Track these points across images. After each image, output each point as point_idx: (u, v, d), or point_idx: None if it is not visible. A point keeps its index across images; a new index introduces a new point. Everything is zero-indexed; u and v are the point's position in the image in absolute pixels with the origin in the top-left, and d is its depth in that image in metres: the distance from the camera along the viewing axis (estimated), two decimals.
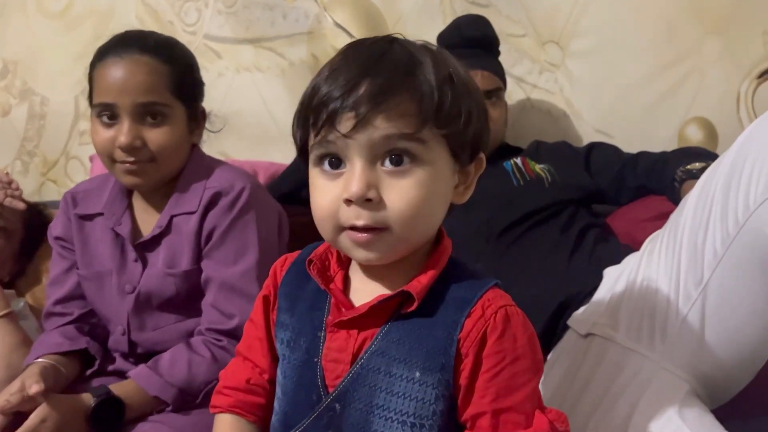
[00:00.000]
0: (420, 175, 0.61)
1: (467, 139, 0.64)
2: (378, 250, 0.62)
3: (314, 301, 0.69)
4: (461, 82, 0.64)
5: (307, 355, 0.67)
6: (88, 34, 1.83)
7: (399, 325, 0.64)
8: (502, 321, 0.62)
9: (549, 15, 1.55)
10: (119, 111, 1.00)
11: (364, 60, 0.62)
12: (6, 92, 1.92)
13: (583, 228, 1.19)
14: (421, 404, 0.62)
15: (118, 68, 1.01)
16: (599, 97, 1.53)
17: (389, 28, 1.65)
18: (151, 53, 1.03)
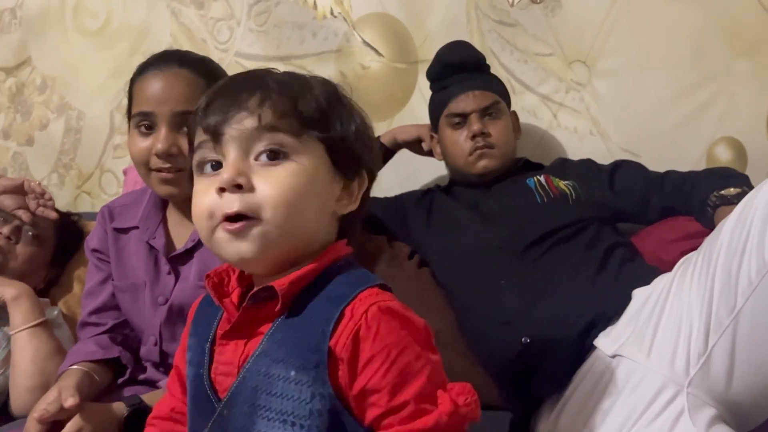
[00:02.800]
0: (292, 167, 0.64)
1: (346, 150, 0.67)
2: (251, 241, 0.63)
3: (210, 318, 0.72)
4: (347, 103, 0.69)
5: (196, 369, 0.70)
6: (123, 51, 1.89)
7: (281, 326, 0.65)
8: (375, 319, 0.62)
9: (576, 34, 1.56)
10: (157, 120, 1.04)
11: (240, 77, 0.69)
12: (44, 107, 1.99)
13: (609, 247, 1.19)
14: (298, 403, 0.61)
15: (158, 80, 1.05)
16: (626, 116, 1.53)
17: (416, 47, 1.68)
18: (190, 67, 1.07)
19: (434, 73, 1.43)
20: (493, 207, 1.31)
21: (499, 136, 1.36)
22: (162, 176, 1.05)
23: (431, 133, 1.47)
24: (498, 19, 1.62)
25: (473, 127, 1.34)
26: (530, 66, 1.60)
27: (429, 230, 1.37)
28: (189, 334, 0.74)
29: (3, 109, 2.03)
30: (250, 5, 1.79)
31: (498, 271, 1.17)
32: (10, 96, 2.02)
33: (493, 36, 1.62)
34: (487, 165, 1.35)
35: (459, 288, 1.25)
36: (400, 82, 1.70)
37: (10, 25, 2.00)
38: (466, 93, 1.36)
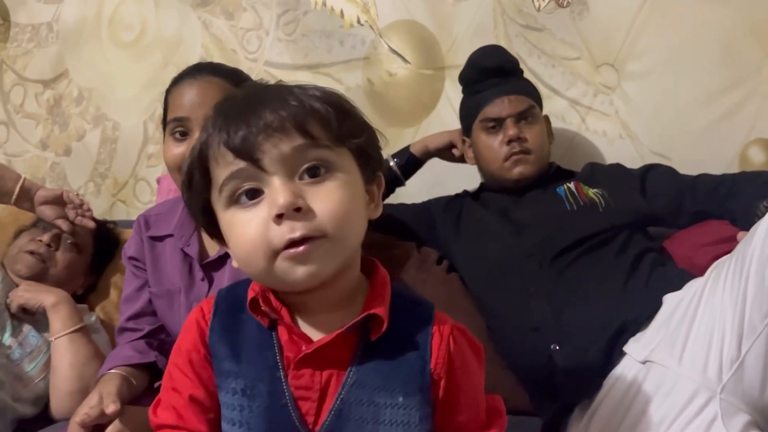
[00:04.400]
0: (337, 180, 0.62)
1: (368, 156, 0.66)
2: (319, 260, 0.61)
3: (260, 343, 0.66)
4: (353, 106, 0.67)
5: (271, 400, 0.64)
6: (157, 62, 1.93)
7: (369, 353, 0.64)
8: (459, 340, 0.66)
9: (604, 38, 1.55)
10: (191, 125, 1.06)
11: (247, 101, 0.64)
12: (81, 118, 2.04)
13: (639, 253, 1.18)
14: (408, 427, 0.62)
15: (192, 87, 1.08)
16: (656, 119, 1.52)
17: (443, 53, 1.69)
18: (222, 76, 1.11)
19: (468, 77, 1.42)
20: (524, 215, 1.30)
21: (535, 141, 1.35)
22: None
23: (463, 137, 1.47)
24: (525, 23, 1.62)
25: (509, 132, 1.33)
26: (558, 70, 1.59)
27: (458, 236, 1.37)
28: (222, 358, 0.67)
29: (41, 121, 2.09)
30: (278, 15, 1.82)
31: (528, 279, 1.17)
32: (48, 108, 2.08)
33: (520, 41, 1.62)
34: (523, 171, 1.34)
35: (488, 294, 1.26)
36: (427, 88, 1.71)
37: (47, 39, 2.07)
38: (501, 98, 1.35)
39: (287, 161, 0.61)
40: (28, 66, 2.09)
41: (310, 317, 0.66)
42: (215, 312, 0.69)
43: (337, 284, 0.65)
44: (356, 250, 0.66)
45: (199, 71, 1.11)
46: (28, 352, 1.30)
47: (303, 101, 0.63)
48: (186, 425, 0.68)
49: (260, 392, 0.64)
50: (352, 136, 0.65)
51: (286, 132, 0.61)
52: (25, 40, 2.10)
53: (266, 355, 0.65)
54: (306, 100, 0.63)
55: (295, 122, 0.62)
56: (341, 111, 0.65)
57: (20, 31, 2.10)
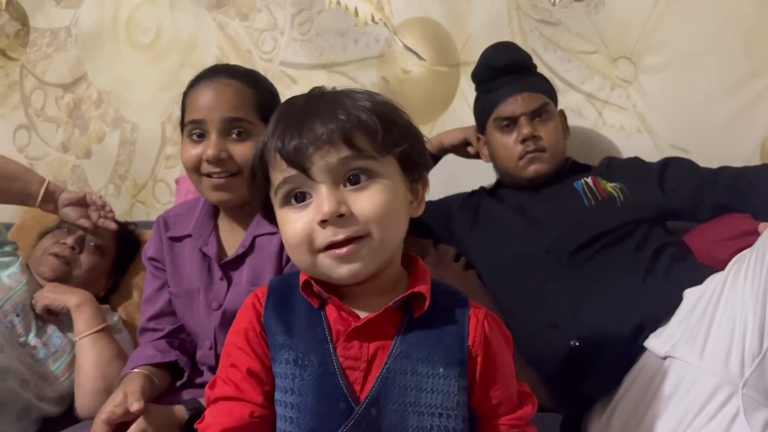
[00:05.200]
0: (379, 185, 0.69)
1: (413, 159, 0.72)
2: (361, 259, 0.68)
3: (310, 320, 0.73)
4: (401, 112, 0.73)
5: (321, 369, 0.71)
6: (173, 64, 1.95)
7: (413, 328, 0.71)
8: (493, 325, 0.74)
9: (620, 31, 1.54)
10: (208, 127, 1.08)
11: (301, 112, 0.71)
12: (101, 121, 2.07)
13: (659, 247, 1.17)
14: (447, 396, 0.69)
15: (209, 90, 1.09)
16: (675, 112, 1.50)
17: (458, 49, 1.68)
18: (238, 77, 1.11)
19: (480, 75, 1.42)
20: (541, 211, 1.30)
21: (549, 139, 1.34)
22: (213, 182, 1.09)
23: (478, 134, 1.46)
24: (540, 18, 1.61)
25: (523, 131, 1.33)
26: (574, 64, 1.58)
27: (475, 233, 1.37)
28: (276, 333, 0.74)
29: (62, 124, 2.12)
30: (292, 15, 1.83)
31: (546, 275, 1.16)
32: (69, 111, 2.11)
33: (535, 35, 1.61)
34: (539, 169, 1.33)
35: (506, 291, 1.25)
36: (443, 85, 1.70)
37: (66, 43, 2.09)
38: (514, 96, 1.34)
39: (333, 171, 0.68)
40: (48, 70, 2.12)
41: (356, 301, 0.73)
42: (269, 295, 0.77)
43: (379, 277, 0.72)
44: (397, 248, 0.73)
45: (216, 73, 1.12)
46: (52, 352, 1.32)
47: (351, 114, 0.69)
48: (244, 396, 0.73)
49: (311, 362, 0.71)
50: (396, 144, 0.70)
51: (334, 144, 0.68)
52: (44, 45, 2.13)
53: (317, 330, 0.72)
54: (354, 113, 0.69)
55: (343, 135, 0.68)
56: (388, 121, 0.70)
57: (39, 36, 2.13)
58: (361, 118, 0.69)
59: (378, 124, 0.69)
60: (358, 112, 0.69)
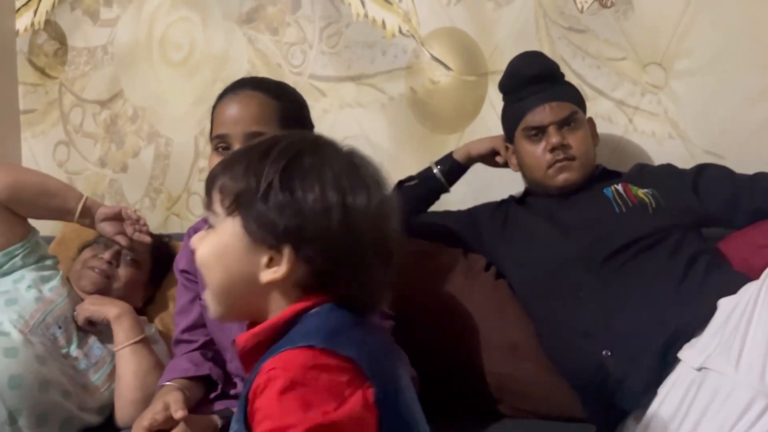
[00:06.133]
0: (209, 237, 0.73)
1: (264, 226, 0.69)
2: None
3: None
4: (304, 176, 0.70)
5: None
6: (205, 79, 1.99)
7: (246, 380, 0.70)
8: (264, 382, 0.64)
9: (650, 36, 1.52)
10: (232, 141, 1.10)
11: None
12: (136, 136, 2.13)
13: (692, 255, 1.15)
14: None
15: (233, 103, 1.12)
16: (708, 117, 1.48)
17: (485, 59, 1.69)
18: (262, 90, 1.13)
19: (508, 85, 1.41)
20: (571, 218, 1.29)
21: (578, 147, 1.33)
22: None
23: (506, 144, 1.46)
24: (568, 25, 1.60)
25: (552, 140, 1.32)
26: (603, 71, 1.57)
27: (504, 242, 1.37)
28: None
29: (99, 140, 2.18)
30: (321, 29, 1.85)
31: (577, 283, 1.16)
32: (105, 127, 2.17)
33: (563, 43, 1.60)
34: (568, 178, 1.32)
35: (537, 300, 1.25)
36: (471, 94, 1.71)
37: (102, 61, 2.16)
38: (542, 105, 1.33)
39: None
40: (86, 88, 2.18)
41: None
42: None
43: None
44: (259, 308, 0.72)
45: (241, 86, 1.14)
46: (93, 363, 1.36)
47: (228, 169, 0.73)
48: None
49: None
50: (235, 209, 0.71)
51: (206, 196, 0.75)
52: (82, 63, 2.19)
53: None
54: (217, 175, 0.74)
55: (205, 190, 0.75)
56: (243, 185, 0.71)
57: (77, 55, 2.20)
58: (221, 174, 0.73)
59: (219, 186, 0.73)
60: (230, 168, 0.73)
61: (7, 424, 1.17)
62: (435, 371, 1.27)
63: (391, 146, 1.79)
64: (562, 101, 1.35)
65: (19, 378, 1.19)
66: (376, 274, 0.71)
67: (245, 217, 0.70)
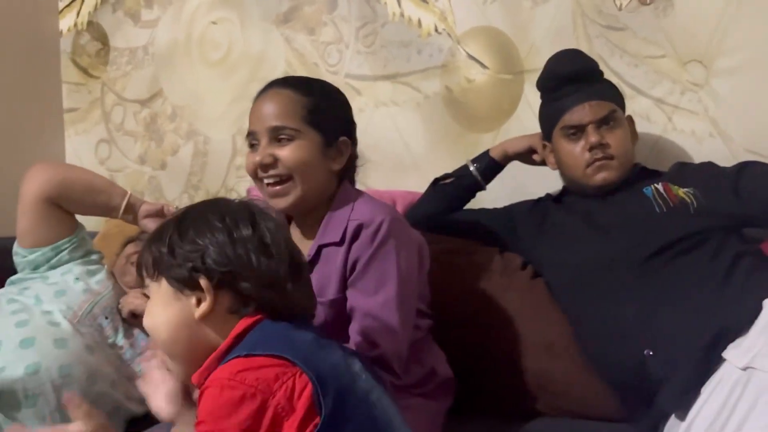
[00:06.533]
0: (148, 305, 0.89)
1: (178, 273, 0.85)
2: None
3: None
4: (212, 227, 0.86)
5: None
6: (243, 78, 2.03)
7: None
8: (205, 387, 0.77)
9: (690, 34, 1.51)
10: (259, 137, 1.15)
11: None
12: (175, 134, 2.17)
13: (735, 256, 1.14)
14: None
15: (261, 102, 1.17)
16: (750, 115, 1.46)
17: (522, 57, 1.69)
18: (289, 86, 1.18)
19: (546, 83, 1.41)
20: (610, 218, 1.28)
21: (618, 146, 1.32)
22: (269, 189, 1.15)
23: (543, 142, 1.46)
24: (606, 24, 1.59)
25: (591, 139, 1.31)
26: (641, 69, 1.56)
27: (542, 241, 1.37)
28: None
29: (139, 138, 2.23)
30: (357, 28, 1.87)
31: (617, 284, 1.15)
32: (145, 125, 2.22)
33: (601, 41, 1.59)
34: (607, 177, 1.31)
35: (576, 300, 1.25)
36: (507, 93, 1.71)
37: (143, 61, 2.21)
38: (581, 104, 1.32)
39: None
40: (127, 87, 2.24)
41: None
42: None
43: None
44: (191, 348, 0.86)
45: (271, 86, 1.19)
46: (138, 353, 1.39)
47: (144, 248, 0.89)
48: None
49: None
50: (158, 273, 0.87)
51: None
52: (123, 63, 2.25)
53: None
54: (144, 249, 0.89)
55: (137, 264, 0.91)
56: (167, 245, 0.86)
57: (119, 55, 2.25)
58: (141, 255, 0.90)
59: (143, 263, 0.89)
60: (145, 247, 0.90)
61: (57, 412, 1.21)
62: (471, 369, 1.28)
63: (426, 145, 1.80)
64: (601, 100, 1.34)
65: (69, 367, 1.23)
66: (290, 285, 0.85)
67: (165, 275, 0.85)
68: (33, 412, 1.20)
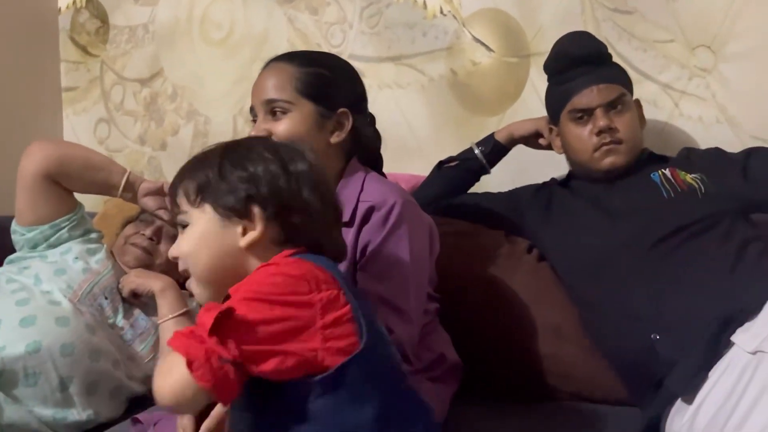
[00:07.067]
0: (188, 231, 0.85)
1: (228, 200, 0.83)
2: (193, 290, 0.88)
3: None
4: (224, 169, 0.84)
5: None
6: (245, 59, 2.00)
7: None
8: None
9: (700, 18, 1.49)
10: (257, 111, 1.16)
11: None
12: (175, 114, 2.15)
13: (744, 241, 1.13)
14: None
15: (261, 77, 1.17)
16: (757, 101, 1.45)
17: (528, 40, 1.67)
18: (285, 60, 1.17)
19: (553, 66, 1.39)
20: (618, 204, 1.27)
21: (626, 131, 1.31)
22: None
23: (550, 125, 1.44)
24: (614, 7, 1.57)
25: (599, 123, 1.30)
26: (649, 54, 1.55)
27: (548, 226, 1.36)
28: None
29: (139, 118, 2.21)
30: (362, 8, 1.84)
31: (625, 269, 1.14)
32: (145, 105, 2.19)
33: (608, 25, 1.58)
34: (615, 161, 1.30)
35: (583, 284, 1.24)
36: (512, 76, 1.69)
37: (143, 39, 2.18)
38: (590, 87, 1.31)
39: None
40: (127, 66, 2.21)
41: None
42: None
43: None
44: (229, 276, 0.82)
45: (272, 61, 1.19)
46: (138, 333, 1.38)
47: (182, 176, 0.86)
48: None
49: None
50: (211, 201, 0.84)
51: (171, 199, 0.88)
52: (123, 42, 2.22)
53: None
54: (183, 175, 0.86)
55: (172, 193, 0.87)
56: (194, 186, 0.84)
57: (118, 33, 2.22)
58: (179, 182, 0.86)
59: (181, 190, 0.85)
60: (184, 174, 0.86)
61: (59, 391, 1.20)
62: (478, 352, 1.28)
63: (430, 127, 1.79)
64: (610, 83, 1.33)
65: (71, 346, 1.22)
66: (332, 224, 0.87)
67: (212, 201, 0.83)
68: (33, 392, 1.19)
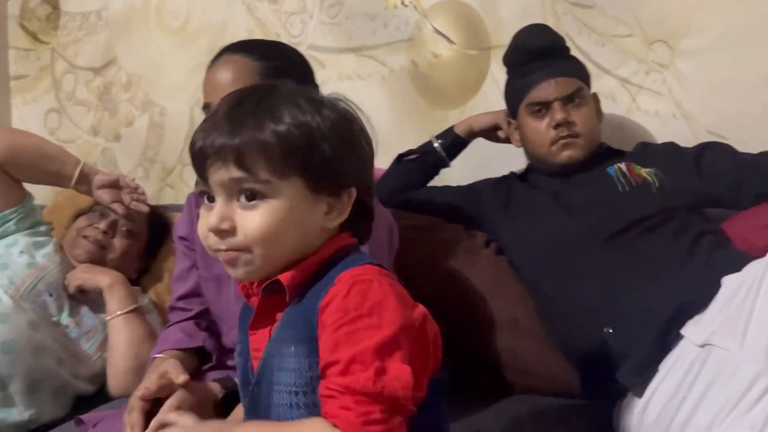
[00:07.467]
0: (269, 207, 0.70)
1: (325, 176, 0.71)
2: (241, 268, 0.72)
3: (248, 315, 0.78)
4: (321, 126, 0.70)
5: (241, 358, 0.79)
6: (203, 48, 1.95)
7: (289, 311, 0.73)
8: (347, 284, 0.68)
9: (658, 14, 1.50)
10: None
11: (222, 114, 0.71)
12: (130, 104, 2.09)
13: (697, 234, 1.14)
14: (299, 374, 0.70)
15: (213, 72, 1.10)
16: (713, 97, 1.46)
17: (489, 33, 1.66)
18: (243, 51, 1.11)
19: (513, 59, 1.39)
20: (575, 197, 1.28)
21: (583, 124, 1.31)
22: None
23: (508, 119, 1.44)
24: (574, 1, 1.58)
25: (557, 116, 1.30)
26: (608, 48, 1.55)
27: (507, 219, 1.35)
28: (238, 332, 0.83)
29: (92, 107, 2.14)
30: None
31: (581, 262, 1.15)
32: (98, 95, 2.13)
33: (568, 19, 1.58)
34: (572, 155, 1.31)
35: (540, 277, 1.24)
36: (473, 69, 1.68)
37: (96, 26, 2.11)
38: (548, 80, 1.31)
39: (226, 187, 0.70)
40: (79, 54, 2.14)
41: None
42: None
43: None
44: (301, 253, 0.73)
45: (224, 51, 1.12)
46: (84, 332, 1.34)
47: (256, 133, 0.69)
48: None
49: (240, 352, 0.80)
50: (303, 167, 0.70)
51: (226, 163, 0.69)
52: (75, 28, 2.14)
53: (244, 323, 0.79)
54: (258, 133, 0.69)
55: (236, 156, 0.69)
56: (297, 146, 0.69)
57: (70, 19, 2.15)
58: (261, 140, 0.69)
59: (280, 148, 0.69)
60: (263, 131, 0.69)
61: None
62: None
63: (391, 120, 1.77)
64: (568, 77, 1.33)
65: (12, 343, 1.18)
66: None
67: (307, 175, 0.70)
68: None
